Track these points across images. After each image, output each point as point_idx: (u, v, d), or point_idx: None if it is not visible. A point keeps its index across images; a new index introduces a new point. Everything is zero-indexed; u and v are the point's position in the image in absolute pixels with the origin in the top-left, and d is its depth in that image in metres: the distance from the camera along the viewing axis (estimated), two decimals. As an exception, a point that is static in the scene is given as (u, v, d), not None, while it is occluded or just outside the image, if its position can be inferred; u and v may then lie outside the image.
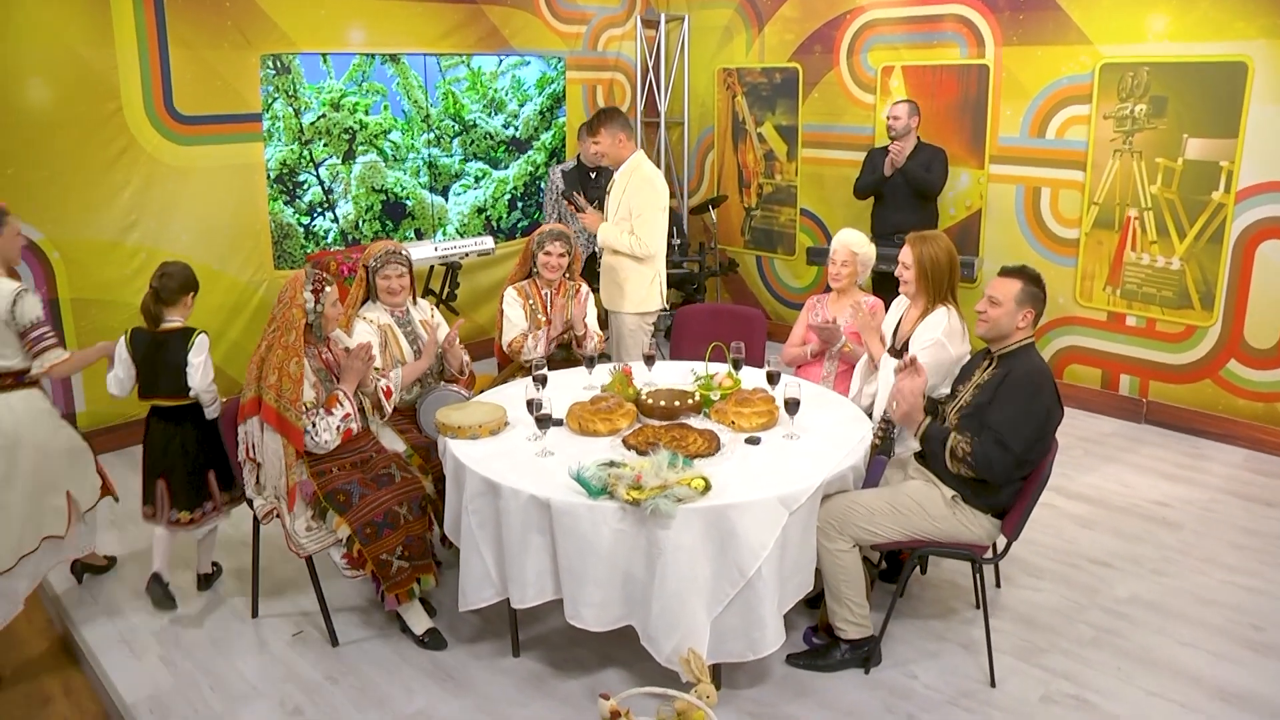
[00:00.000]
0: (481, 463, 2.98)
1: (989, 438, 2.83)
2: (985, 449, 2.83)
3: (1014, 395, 2.85)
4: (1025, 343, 2.99)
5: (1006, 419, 2.83)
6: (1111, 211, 5.06)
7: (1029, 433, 2.83)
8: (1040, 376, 2.88)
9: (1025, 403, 2.84)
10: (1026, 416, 2.83)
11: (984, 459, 2.83)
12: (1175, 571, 3.70)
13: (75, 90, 4.52)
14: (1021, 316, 2.96)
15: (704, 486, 2.68)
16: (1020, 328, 2.97)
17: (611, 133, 4.36)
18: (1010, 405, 2.84)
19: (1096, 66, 4.96)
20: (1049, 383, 2.90)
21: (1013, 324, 2.96)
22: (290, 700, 2.99)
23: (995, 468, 2.83)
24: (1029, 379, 2.86)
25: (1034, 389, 2.85)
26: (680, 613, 2.69)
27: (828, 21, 6.07)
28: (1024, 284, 2.97)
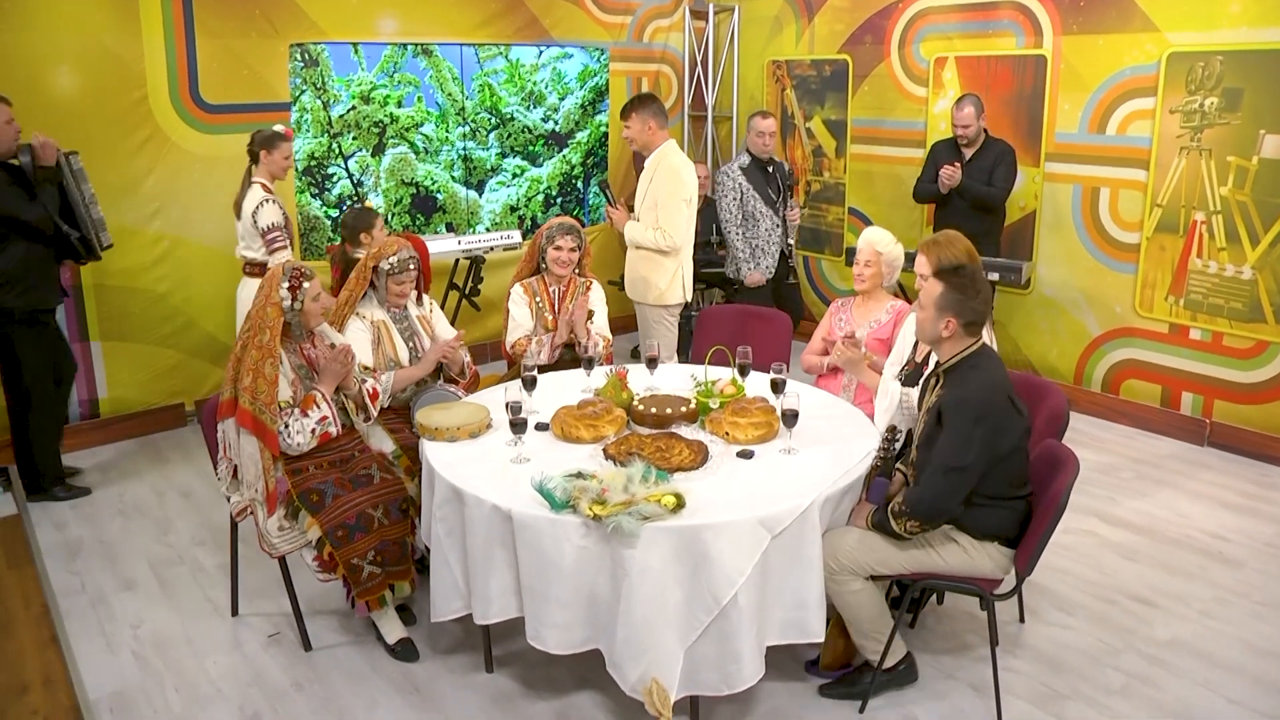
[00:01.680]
0: (450, 467, 2.82)
1: (924, 476, 2.56)
2: (917, 492, 2.55)
3: (949, 427, 2.54)
4: (965, 355, 2.62)
5: (939, 451, 2.54)
6: (1176, 214, 4.65)
7: (961, 459, 2.51)
8: (980, 402, 2.52)
9: (957, 426, 2.52)
10: (962, 443, 2.50)
11: (916, 502, 2.55)
12: (1228, 615, 3.33)
13: (101, 78, 4.54)
14: (944, 326, 2.60)
15: (675, 504, 2.47)
16: (945, 338, 2.62)
17: (643, 118, 4.21)
18: (945, 438, 2.54)
19: (1163, 56, 4.56)
20: (992, 405, 2.52)
21: (935, 332, 2.62)
22: (251, 706, 2.88)
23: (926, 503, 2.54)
24: (962, 408, 2.53)
25: (964, 414, 2.52)
26: (647, 640, 2.49)
27: (879, 10, 5.77)
28: (945, 287, 2.59)
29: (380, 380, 3.43)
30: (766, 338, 4.25)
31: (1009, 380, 2.65)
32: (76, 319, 4.66)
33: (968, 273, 2.63)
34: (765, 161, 5.15)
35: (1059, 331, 5.23)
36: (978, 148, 4.89)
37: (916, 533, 2.60)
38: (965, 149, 4.91)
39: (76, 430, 4.73)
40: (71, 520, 4.10)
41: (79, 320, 4.68)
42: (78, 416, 4.76)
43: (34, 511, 4.18)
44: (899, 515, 2.58)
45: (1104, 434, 4.95)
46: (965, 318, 2.58)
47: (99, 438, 4.79)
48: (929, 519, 2.57)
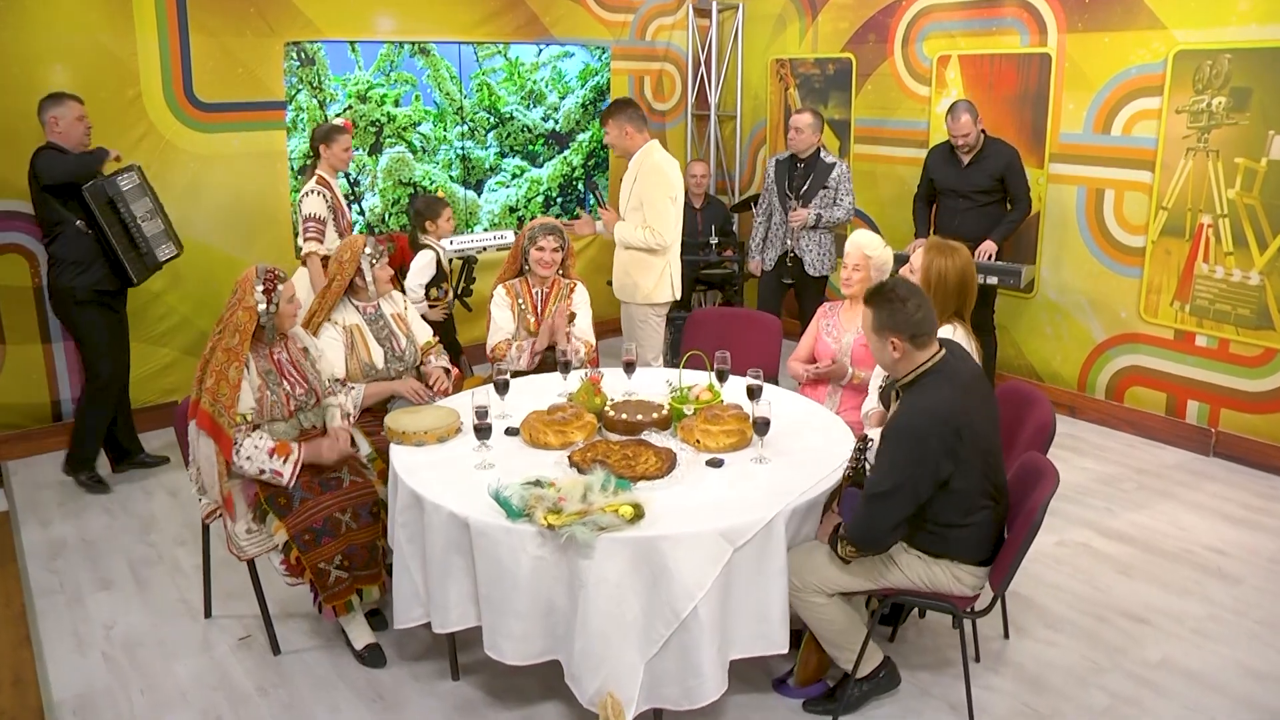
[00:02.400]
0: (412, 472, 2.78)
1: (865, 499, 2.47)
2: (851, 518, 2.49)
3: (879, 452, 2.48)
4: (923, 371, 2.51)
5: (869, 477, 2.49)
6: (1182, 218, 4.52)
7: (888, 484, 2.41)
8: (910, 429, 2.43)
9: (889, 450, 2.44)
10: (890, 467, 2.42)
11: (849, 527, 2.49)
12: (1223, 635, 3.22)
13: (95, 76, 4.54)
14: (890, 346, 2.49)
15: (633, 514, 2.41)
16: (897, 358, 2.51)
17: (618, 124, 4.19)
18: (875, 463, 2.48)
19: (1170, 54, 4.43)
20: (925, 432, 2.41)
21: (888, 356, 2.52)
22: (214, 710, 2.86)
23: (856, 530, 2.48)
24: (892, 434, 2.45)
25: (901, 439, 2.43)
26: (604, 652, 2.43)
27: (882, 8, 5.66)
28: (873, 309, 2.50)
29: (351, 394, 3.39)
30: (755, 341, 4.17)
31: (966, 401, 2.48)
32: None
33: (888, 288, 2.53)
34: (797, 157, 5.09)
35: (1063, 336, 5.11)
36: (977, 151, 4.77)
37: (854, 557, 2.53)
38: (964, 154, 4.80)
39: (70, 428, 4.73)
40: (58, 518, 4.11)
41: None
42: (70, 414, 4.78)
43: (21, 509, 4.19)
44: (840, 539, 2.54)
45: (1107, 442, 4.83)
46: (906, 330, 2.46)
47: (92, 435, 4.79)
48: (861, 545, 2.50)
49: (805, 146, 5.08)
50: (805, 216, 5.05)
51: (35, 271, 4.55)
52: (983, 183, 4.76)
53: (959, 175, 4.81)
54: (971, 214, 4.81)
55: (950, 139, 4.75)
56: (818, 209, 5.06)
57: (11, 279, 4.50)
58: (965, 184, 4.80)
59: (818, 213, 5.04)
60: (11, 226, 4.46)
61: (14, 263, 4.50)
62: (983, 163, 4.76)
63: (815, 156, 5.10)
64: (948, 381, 2.48)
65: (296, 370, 3.17)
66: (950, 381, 2.47)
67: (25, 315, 4.56)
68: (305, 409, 3.17)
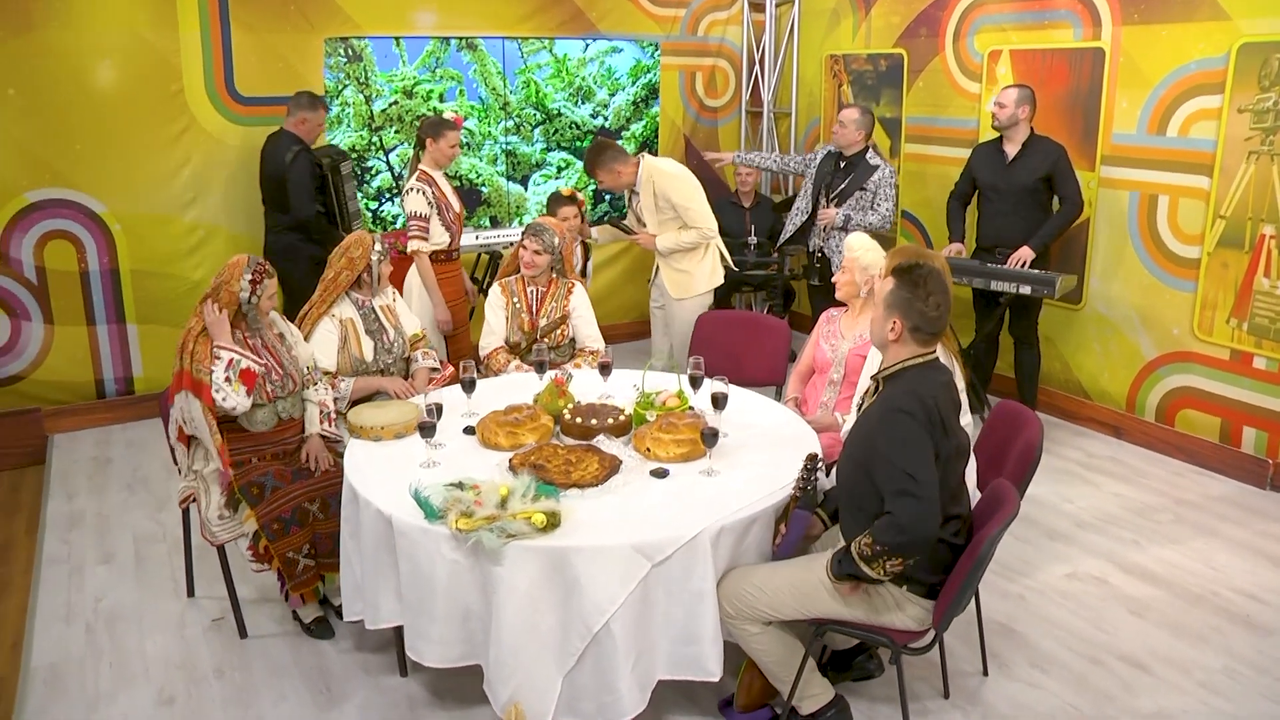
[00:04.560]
0: (359, 466, 2.79)
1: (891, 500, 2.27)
2: (886, 524, 2.25)
3: (889, 440, 2.30)
4: (907, 365, 2.38)
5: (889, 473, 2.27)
6: (1241, 227, 4.13)
7: (913, 470, 2.24)
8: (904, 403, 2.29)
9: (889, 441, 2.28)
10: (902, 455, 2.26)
11: (893, 534, 2.23)
12: (1234, 691, 2.91)
13: (140, 72, 4.75)
14: (890, 327, 2.37)
15: (544, 523, 2.34)
16: (892, 340, 2.38)
17: (606, 170, 4.28)
18: (889, 454, 2.28)
19: (1233, 47, 4.05)
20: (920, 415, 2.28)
21: (883, 333, 2.39)
22: (169, 689, 2.94)
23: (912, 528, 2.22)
24: (897, 414, 2.29)
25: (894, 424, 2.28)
26: (514, 662, 2.38)
27: (934, 1, 5.39)
28: (895, 284, 2.36)
29: (339, 388, 3.44)
30: (762, 347, 4.06)
31: (947, 399, 2.38)
32: (114, 302, 4.92)
33: (922, 272, 2.38)
34: (842, 154, 4.95)
35: (1111, 353, 4.76)
36: (1021, 147, 4.48)
37: (900, 573, 2.28)
38: (1007, 146, 4.51)
39: (111, 405, 5.00)
40: (84, 491, 4.32)
41: (116, 303, 4.93)
42: (114, 393, 5.03)
43: (54, 480, 4.43)
44: (873, 558, 2.25)
45: (1151, 469, 4.47)
46: (911, 320, 2.35)
47: (132, 414, 5.03)
48: (910, 553, 2.23)
49: (848, 143, 4.89)
50: (833, 217, 4.87)
51: (82, 257, 4.79)
52: (1027, 181, 4.46)
53: (1002, 172, 4.53)
54: (1013, 217, 4.52)
55: (990, 111, 4.51)
56: (849, 210, 4.86)
57: (60, 264, 4.76)
58: (1008, 182, 4.51)
59: (847, 214, 4.84)
60: (60, 214, 4.71)
61: (62, 249, 4.75)
62: (1027, 159, 4.46)
63: (860, 156, 4.90)
64: (933, 372, 2.39)
65: (272, 356, 3.22)
66: (934, 376, 2.38)
67: (72, 298, 4.82)
68: (282, 396, 3.22)
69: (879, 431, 2.31)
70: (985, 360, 4.94)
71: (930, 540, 2.24)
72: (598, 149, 4.28)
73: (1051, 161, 4.42)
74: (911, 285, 2.36)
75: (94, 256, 4.81)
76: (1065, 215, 4.46)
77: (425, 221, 4.31)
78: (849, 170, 4.89)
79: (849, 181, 4.88)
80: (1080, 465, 4.52)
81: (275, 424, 3.22)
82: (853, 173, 4.88)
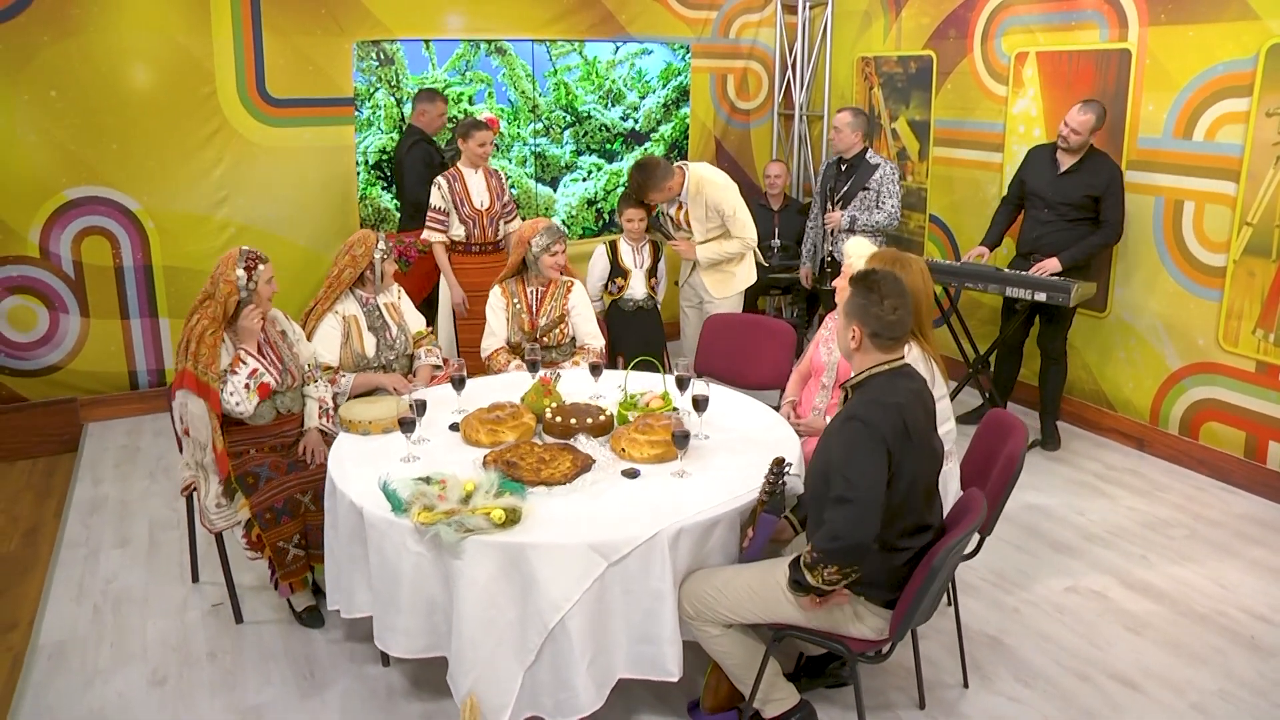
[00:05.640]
0: (341, 460, 2.87)
1: (830, 506, 2.25)
2: (823, 532, 2.24)
3: (840, 442, 2.28)
4: (874, 372, 2.35)
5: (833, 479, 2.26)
6: (1269, 235, 3.98)
7: (856, 480, 2.21)
8: (866, 412, 2.26)
9: (842, 447, 2.26)
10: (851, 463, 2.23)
11: (826, 542, 2.22)
12: (1228, 714, 2.81)
13: (174, 75, 4.93)
14: (851, 335, 2.35)
15: (503, 519, 2.38)
16: (855, 349, 2.36)
17: (658, 189, 4.33)
18: (839, 456, 2.27)
19: (1262, 49, 3.90)
20: (882, 424, 2.24)
21: (845, 342, 2.38)
22: (162, 670, 3.05)
23: (846, 535, 2.20)
24: (854, 422, 2.26)
25: (851, 432, 2.25)
26: (473, 655, 2.42)
27: (964, 2, 5.30)
28: (852, 292, 2.35)
29: (340, 383, 3.53)
30: (767, 351, 4.04)
31: (917, 405, 2.35)
32: (147, 296, 5.11)
33: (876, 278, 2.37)
34: (841, 158, 4.93)
35: (1136, 362, 4.62)
36: (1078, 160, 4.30)
37: (837, 581, 2.26)
38: (1062, 156, 4.35)
39: (144, 396, 5.19)
40: (110, 478, 4.49)
41: (150, 297, 5.12)
42: (146, 384, 5.22)
43: (83, 466, 4.62)
44: (813, 565, 2.26)
45: (1172, 482, 4.33)
46: (870, 326, 2.33)
47: (163, 404, 5.14)
48: (846, 561, 2.22)
49: (845, 146, 4.85)
50: (838, 220, 4.83)
51: (117, 252, 4.99)
52: (1075, 196, 4.31)
53: (1052, 182, 4.37)
54: (1055, 231, 4.38)
55: (1060, 132, 4.29)
56: (854, 211, 4.81)
57: (96, 259, 4.97)
58: (1056, 193, 4.36)
59: (852, 215, 4.79)
60: (97, 211, 4.91)
61: (98, 244, 4.96)
62: (1080, 174, 4.29)
63: (861, 157, 4.85)
64: (902, 380, 2.37)
65: (274, 352, 3.32)
66: (902, 384, 2.35)
67: (107, 292, 5.02)
68: (281, 391, 3.32)
69: (835, 439, 2.29)
70: (1004, 368, 4.84)
71: (864, 548, 2.21)
72: (646, 170, 4.29)
73: (1104, 182, 4.25)
74: (866, 291, 2.34)
75: (128, 252, 5.01)
76: (1102, 237, 4.33)
77: (441, 215, 4.53)
78: (850, 172, 4.85)
79: (851, 183, 4.84)
80: (1097, 477, 4.40)
81: (274, 418, 3.31)
82: (854, 174, 4.83)
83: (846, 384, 2.44)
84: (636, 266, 4.47)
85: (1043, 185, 4.43)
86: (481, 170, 4.61)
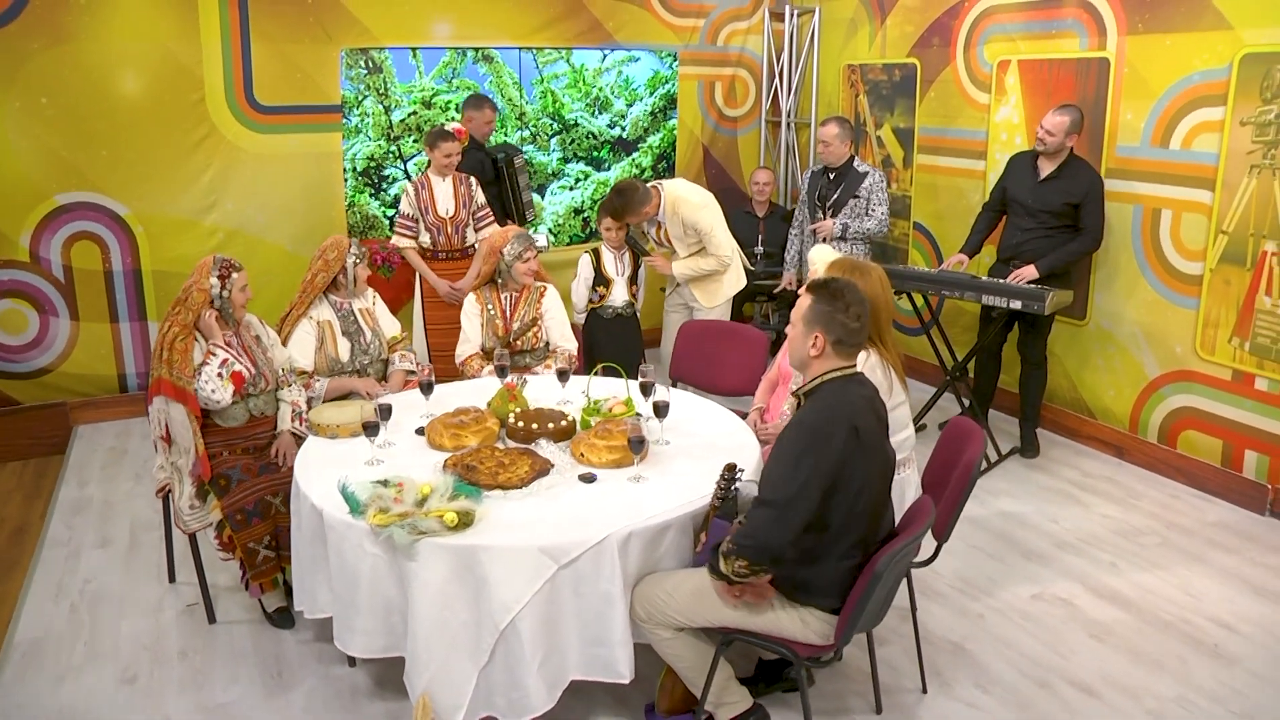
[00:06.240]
0: (307, 462, 2.91)
1: (754, 505, 2.30)
2: (743, 528, 2.30)
3: (782, 447, 2.31)
4: (826, 378, 2.38)
5: (767, 474, 2.30)
6: (1243, 244, 3.98)
7: (787, 488, 2.26)
8: (817, 420, 2.29)
9: (784, 453, 2.30)
10: (788, 470, 2.27)
11: (740, 538, 2.29)
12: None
13: (163, 82, 4.99)
14: (811, 342, 2.37)
15: (455, 521, 2.41)
16: (814, 356, 2.38)
17: (635, 212, 4.39)
18: (774, 460, 2.30)
19: (1236, 58, 3.91)
20: (833, 432, 2.27)
21: (804, 351, 2.39)
22: (133, 668, 3.09)
23: (758, 535, 2.27)
24: (800, 429, 2.30)
25: (797, 438, 2.28)
26: (427, 655, 2.45)
27: (947, 9, 5.32)
28: (813, 299, 2.37)
29: (314, 388, 3.57)
30: (737, 357, 4.07)
31: (868, 413, 2.37)
32: (136, 300, 5.17)
33: (837, 286, 2.40)
34: (829, 167, 4.95)
35: (1115, 370, 4.62)
36: (1057, 165, 4.33)
37: (746, 574, 2.34)
38: (1042, 162, 4.38)
39: (134, 399, 5.25)
40: (96, 479, 4.55)
41: (139, 301, 5.18)
42: (135, 387, 5.28)
43: (70, 468, 4.67)
44: (726, 555, 2.35)
45: (1149, 490, 4.33)
46: (834, 333, 2.36)
47: (152, 407, 5.27)
48: (754, 558, 2.30)
49: (836, 158, 4.87)
50: (831, 227, 4.84)
51: (106, 257, 5.06)
52: (1055, 203, 4.33)
53: (1033, 189, 4.39)
54: (1037, 238, 4.40)
55: (1037, 134, 4.32)
56: (845, 219, 4.83)
57: (86, 263, 5.03)
58: (1037, 200, 4.38)
59: (844, 223, 4.81)
60: (86, 216, 4.98)
61: (88, 249, 5.02)
62: (1061, 180, 4.31)
63: (848, 165, 4.88)
64: (854, 386, 2.40)
65: (248, 356, 3.37)
66: (854, 390, 2.38)
67: (97, 296, 5.08)
68: (254, 394, 3.36)
69: (782, 439, 2.33)
70: (984, 376, 4.85)
71: (776, 553, 2.29)
72: (624, 196, 4.34)
73: (1084, 189, 4.27)
74: (830, 298, 2.37)
75: (118, 257, 5.07)
76: (1082, 245, 4.34)
77: (410, 221, 4.65)
78: (839, 180, 4.87)
79: (841, 191, 4.86)
80: (1074, 485, 4.40)
81: (246, 420, 3.36)
82: (843, 182, 4.85)
83: (799, 391, 2.46)
84: (618, 274, 4.51)
85: (1024, 192, 4.46)
86: (450, 178, 4.67)
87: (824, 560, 2.35)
